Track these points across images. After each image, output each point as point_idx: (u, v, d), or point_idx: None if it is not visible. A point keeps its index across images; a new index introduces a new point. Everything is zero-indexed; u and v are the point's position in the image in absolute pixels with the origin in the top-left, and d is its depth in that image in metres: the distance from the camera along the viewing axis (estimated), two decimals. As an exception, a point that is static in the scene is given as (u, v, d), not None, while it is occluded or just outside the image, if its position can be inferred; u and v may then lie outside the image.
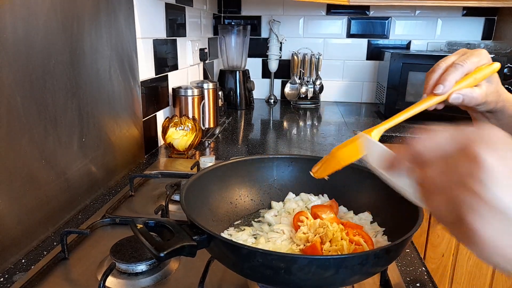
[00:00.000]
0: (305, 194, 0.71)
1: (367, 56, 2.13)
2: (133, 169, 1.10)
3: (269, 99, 2.19)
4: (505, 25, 1.93)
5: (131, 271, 0.61)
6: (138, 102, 1.12)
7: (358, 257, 0.44)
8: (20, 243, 0.68)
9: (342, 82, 2.19)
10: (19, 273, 0.63)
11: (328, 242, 0.56)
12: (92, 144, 0.89)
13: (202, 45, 1.77)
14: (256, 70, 2.22)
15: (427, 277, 0.64)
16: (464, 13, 2.01)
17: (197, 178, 0.63)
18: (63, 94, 0.78)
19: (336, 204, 0.68)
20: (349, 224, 0.62)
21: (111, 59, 0.96)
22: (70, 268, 0.65)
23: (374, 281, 0.62)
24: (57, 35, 0.75)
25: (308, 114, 1.93)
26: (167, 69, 1.36)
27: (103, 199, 0.91)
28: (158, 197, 0.91)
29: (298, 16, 2.12)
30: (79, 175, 0.84)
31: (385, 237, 0.59)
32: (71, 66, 0.80)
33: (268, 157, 0.73)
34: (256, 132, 1.58)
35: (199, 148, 1.32)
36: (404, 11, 2.05)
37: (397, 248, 0.46)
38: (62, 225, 0.79)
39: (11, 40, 0.63)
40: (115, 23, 0.97)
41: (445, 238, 1.63)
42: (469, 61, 0.56)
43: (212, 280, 0.61)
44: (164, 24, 1.33)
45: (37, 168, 0.71)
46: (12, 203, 0.65)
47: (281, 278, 0.44)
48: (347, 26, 2.10)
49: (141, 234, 0.45)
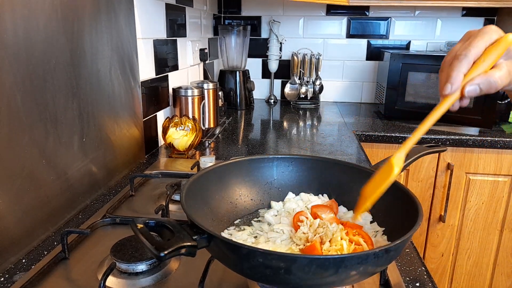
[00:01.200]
0: (305, 194, 0.72)
1: (366, 57, 2.14)
2: (133, 169, 1.10)
3: (269, 99, 2.19)
4: (504, 25, 1.93)
5: (131, 270, 0.61)
6: (138, 102, 1.12)
7: (358, 257, 0.44)
8: (20, 243, 0.68)
9: (342, 82, 2.20)
10: (20, 273, 0.63)
11: (327, 242, 0.56)
12: (92, 144, 0.89)
13: (202, 46, 1.78)
14: (256, 70, 2.22)
15: (426, 277, 0.64)
16: (463, 14, 2.01)
17: (197, 178, 0.63)
18: (63, 94, 0.78)
19: (336, 204, 0.68)
20: (349, 224, 0.62)
21: (112, 59, 0.96)
22: (70, 268, 0.65)
23: (374, 281, 0.62)
24: (58, 35, 0.75)
25: (308, 114, 1.94)
26: (168, 69, 1.37)
27: (104, 199, 0.91)
28: (158, 197, 0.91)
29: (298, 16, 2.12)
30: (79, 175, 0.85)
31: (384, 236, 0.59)
32: (72, 66, 0.80)
33: (268, 157, 0.74)
34: (256, 132, 1.58)
35: (199, 148, 1.32)
36: (403, 11, 2.05)
37: (396, 248, 0.46)
38: (62, 225, 0.79)
39: (11, 40, 0.64)
40: (116, 23, 0.97)
41: (445, 238, 1.63)
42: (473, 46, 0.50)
43: (212, 280, 0.61)
44: (165, 24, 1.33)
45: (38, 168, 0.71)
46: (12, 203, 0.66)
47: (281, 278, 0.44)
48: (346, 26, 2.11)
49: (141, 234, 0.45)
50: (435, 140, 1.50)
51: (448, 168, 1.54)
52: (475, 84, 0.50)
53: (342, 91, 2.21)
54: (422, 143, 1.50)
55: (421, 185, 1.59)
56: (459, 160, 1.53)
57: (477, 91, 0.51)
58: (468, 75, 0.50)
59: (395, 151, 0.55)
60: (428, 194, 1.60)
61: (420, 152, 0.71)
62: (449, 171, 1.54)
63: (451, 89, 0.50)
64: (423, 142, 1.50)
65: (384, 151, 1.56)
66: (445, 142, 1.50)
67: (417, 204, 0.54)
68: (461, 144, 1.50)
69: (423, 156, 0.72)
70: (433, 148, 0.74)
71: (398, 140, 1.53)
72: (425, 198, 1.60)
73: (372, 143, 1.55)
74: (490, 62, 0.50)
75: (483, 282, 1.67)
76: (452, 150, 1.52)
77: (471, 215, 1.59)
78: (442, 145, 0.65)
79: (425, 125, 0.53)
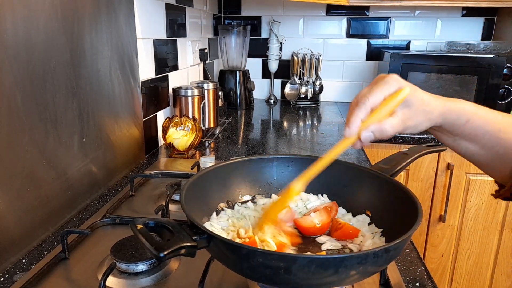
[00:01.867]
0: (305, 194, 0.71)
1: (366, 57, 2.14)
2: (133, 169, 1.10)
3: (269, 99, 2.19)
4: (504, 25, 1.93)
5: (131, 270, 0.61)
6: (138, 102, 1.12)
7: (358, 256, 0.44)
8: (20, 242, 0.68)
9: (341, 82, 2.20)
10: (20, 273, 0.63)
11: None
12: (92, 144, 0.89)
13: (202, 46, 1.78)
14: (256, 70, 2.22)
15: (426, 277, 0.64)
16: (463, 14, 2.01)
17: (197, 178, 0.63)
18: (63, 94, 0.78)
19: (336, 206, 0.68)
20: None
21: (112, 59, 0.96)
22: (70, 268, 0.65)
23: (374, 281, 0.62)
24: (58, 35, 0.75)
25: (308, 114, 1.94)
26: (168, 69, 1.37)
27: (104, 199, 0.91)
28: (158, 197, 0.91)
29: (298, 16, 2.12)
30: (79, 175, 0.85)
31: (382, 238, 0.59)
32: (72, 66, 0.80)
33: (268, 157, 0.74)
34: (256, 132, 1.58)
35: (199, 148, 1.32)
36: (403, 11, 2.05)
37: (396, 248, 0.46)
38: (62, 225, 0.79)
39: (11, 40, 0.64)
40: (116, 23, 0.97)
41: (445, 238, 1.63)
42: (372, 94, 0.53)
43: (212, 280, 0.61)
44: (165, 24, 1.33)
45: (38, 168, 0.71)
46: (12, 203, 0.66)
47: (281, 278, 0.44)
48: (346, 26, 2.11)
49: (141, 234, 0.45)
50: (435, 139, 1.50)
51: (448, 168, 1.54)
52: (369, 131, 0.53)
53: (342, 91, 2.21)
54: (421, 142, 1.50)
55: (421, 185, 1.59)
56: (459, 160, 1.53)
57: (371, 137, 0.54)
58: (365, 121, 0.53)
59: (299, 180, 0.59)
60: (428, 194, 1.60)
61: (419, 151, 0.71)
62: (449, 171, 1.54)
63: (349, 133, 0.54)
64: (423, 142, 1.50)
65: (384, 151, 1.56)
66: (445, 142, 1.50)
67: (417, 204, 0.54)
68: (461, 144, 1.49)
69: (422, 155, 0.72)
70: (433, 148, 0.74)
71: (397, 140, 1.53)
72: (425, 198, 1.60)
73: (372, 143, 1.55)
74: (386, 112, 0.53)
75: (483, 282, 1.67)
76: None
77: (471, 215, 1.59)
78: (441, 145, 0.65)
79: (324, 160, 0.57)
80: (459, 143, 0.60)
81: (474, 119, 0.57)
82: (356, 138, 0.54)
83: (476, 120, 0.57)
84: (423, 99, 0.55)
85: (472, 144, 0.59)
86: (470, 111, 0.57)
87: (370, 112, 0.53)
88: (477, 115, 0.57)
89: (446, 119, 0.57)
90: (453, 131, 0.59)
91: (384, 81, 0.54)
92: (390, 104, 0.53)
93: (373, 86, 0.54)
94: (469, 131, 0.58)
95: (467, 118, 0.57)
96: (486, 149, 0.59)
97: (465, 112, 0.57)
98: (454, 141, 0.60)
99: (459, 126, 0.58)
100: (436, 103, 0.56)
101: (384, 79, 0.54)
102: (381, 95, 0.53)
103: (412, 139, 1.52)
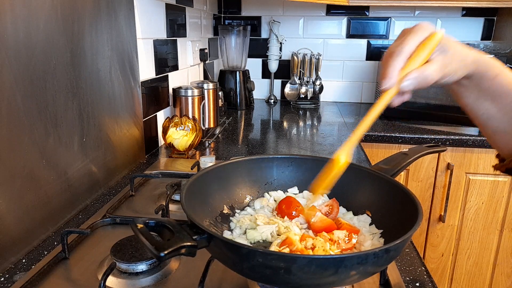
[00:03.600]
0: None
1: (366, 57, 2.14)
2: (133, 169, 1.10)
3: (269, 99, 2.19)
4: (504, 26, 1.93)
5: (131, 270, 0.61)
6: (138, 102, 1.12)
7: (358, 257, 0.44)
8: (20, 242, 0.68)
9: (341, 82, 2.20)
10: (20, 273, 0.63)
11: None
12: (92, 144, 0.89)
13: (202, 46, 1.78)
14: (256, 70, 2.22)
15: (426, 277, 0.64)
16: (463, 14, 2.01)
17: (197, 178, 0.63)
18: (63, 94, 0.78)
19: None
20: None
21: (112, 59, 0.96)
22: (70, 267, 0.65)
23: (374, 281, 0.62)
24: (58, 35, 0.75)
25: (308, 114, 1.94)
26: (168, 69, 1.37)
27: (104, 199, 0.91)
28: (158, 197, 0.91)
29: (298, 16, 2.12)
30: (79, 175, 0.85)
31: (382, 239, 0.59)
32: (72, 66, 0.80)
33: (268, 157, 0.74)
34: (256, 132, 1.58)
35: (199, 148, 1.32)
36: (403, 11, 2.05)
37: (396, 248, 0.46)
38: (62, 224, 0.79)
39: (11, 40, 0.64)
40: (116, 23, 0.97)
41: (445, 238, 1.63)
42: (406, 42, 0.52)
43: (212, 280, 0.61)
44: (165, 24, 1.33)
45: (38, 168, 0.71)
46: (12, 203, 0.66)
47: (281, 278, 0.44)
48: (346, 26, 2.11)
49: (141, 234, 0.45)
50: (435, 140, 1.50)
51: (448, 168, 1.54)
52: (411, 79, 0.52)
53: (342, 91, 2.21)
54: (422, 143, 1.50)
55: (421, 185, 1.59)
56: (459, 160, 1.53)
57: (412, 86, 0.52)
58: (404, 70, 0.52)
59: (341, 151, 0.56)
60: (428, 194, 1.60)
61: (420, 152, 0.71)
62: (449, 171, 1.54)
63: (388, 84, 0.52)
64: (423, 142, 1.50)
65: (384, 151, 1.56)
66: (445, 142, 1.50)
67: (417, 204, 0.54)
68: (461, 144, 1.50)
69: (423, 156, 0.72)
70: (433, 148, 0.74)
71: (398, 140, 1.53)
72: (425, 198, 1.60)
73: (372, 143, 1.55)
74: (423, 58, 0.52)
75: (483, 282, 1.67)
76: (452, 150, 1.52)
77: (471, 215, 1.59)
78: (442, 145, 0.65)
79: (367, 120, 0.55)
80: (481, 101, 0.58)
81: (502, 76, 0.56)
82: (396, 90, 0.52)
83: (504, 78, 0.56)
84: (456, 44, 0.54)
85: (493, 105, 0.58)
86: (499, 67, 0.56)
87: (407, 61, 0.52)
88: (505, 74, 0.56)
89: (478, 68, 0.56)
90: (480, 84, 0.57)
91: (415, 29, 0.53)
92: (427, 48, 0.52)
93: (404, 35, 0.53)
94: (495, 87, 0.56)
95: (496, 73, 0.56)
96: (504, 112, 0.57)
97: (495, 66, 0.56)
98: (477, 99, 0.58)
99: (488, 80, 0.56)
100: (468, 50, 0.55)
101: (415, 27, 0.53)
102: (416, 41, 0.52)
103: (412, 139, 1.52)
